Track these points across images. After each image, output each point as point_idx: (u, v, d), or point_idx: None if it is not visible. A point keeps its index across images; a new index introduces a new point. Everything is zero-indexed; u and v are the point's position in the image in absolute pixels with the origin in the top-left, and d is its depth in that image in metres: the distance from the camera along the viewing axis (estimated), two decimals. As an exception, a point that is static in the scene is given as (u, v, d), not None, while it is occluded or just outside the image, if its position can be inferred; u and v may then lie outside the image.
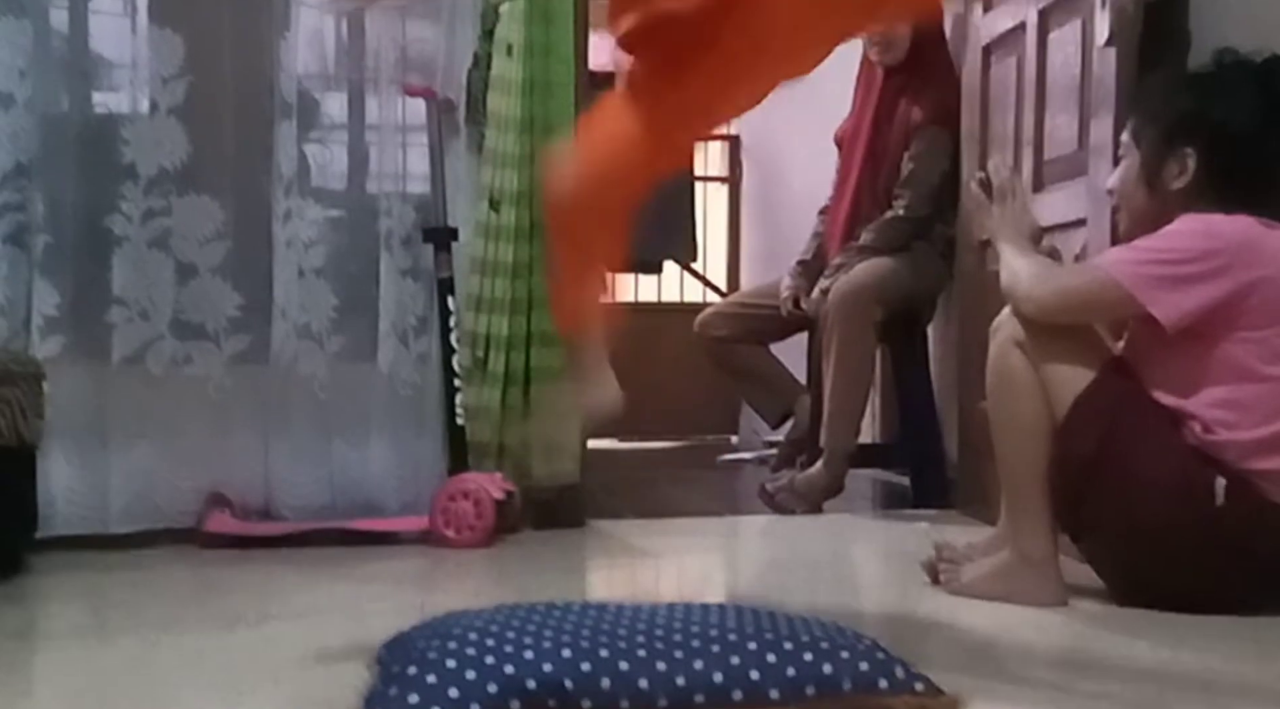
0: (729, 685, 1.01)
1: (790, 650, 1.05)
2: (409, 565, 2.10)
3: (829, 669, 1.03)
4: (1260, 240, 1.71)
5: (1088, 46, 2.27)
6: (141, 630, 1.61)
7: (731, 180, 5.28)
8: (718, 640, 1.06)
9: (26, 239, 2.18)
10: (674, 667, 1.03)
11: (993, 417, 1.78)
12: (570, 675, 1.02)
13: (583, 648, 1.05)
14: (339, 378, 2.35)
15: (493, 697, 1.01)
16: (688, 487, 3.29)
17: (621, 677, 1.02)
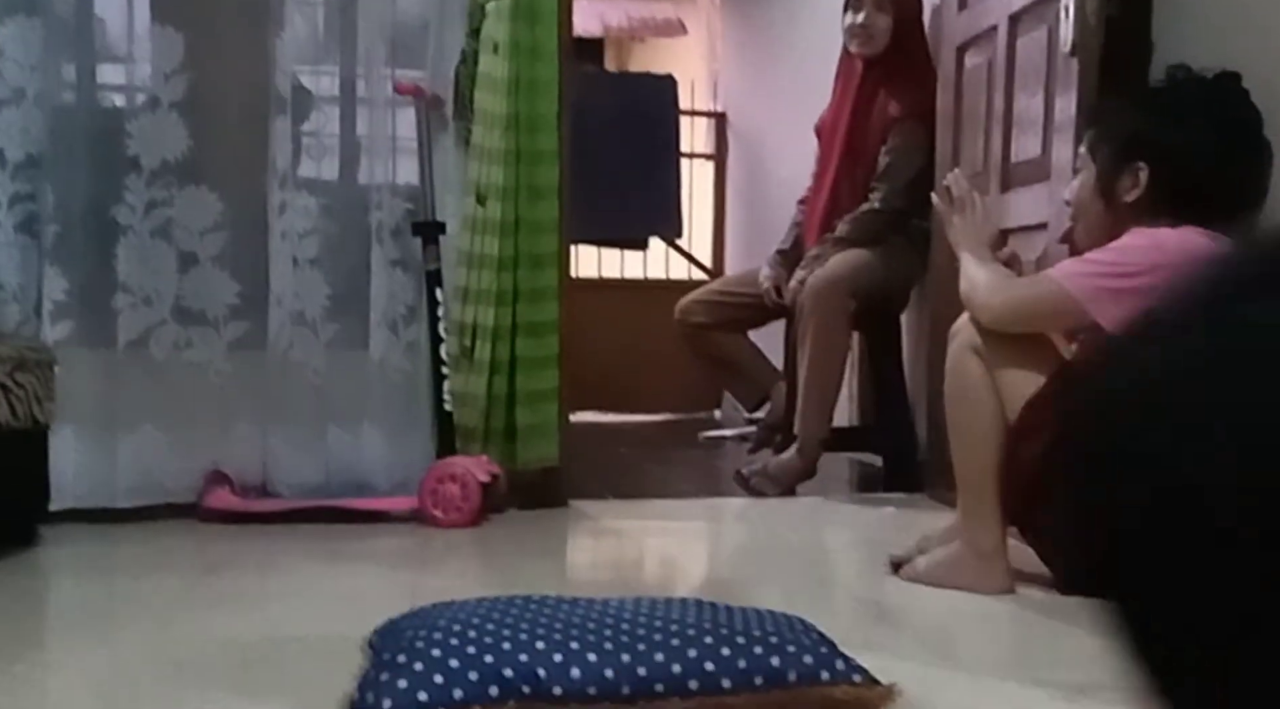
0: (686, 676, 1.11)
1: (742, 645, 1.14)
2: (399, 544, 2.19)
3: (777, 662, 1.12)
4: (1205, 253, 1.78)
5: (1053, 54, 2.35)
6: (151, 606, 1.70)
7: (717, 158, 5.32)
8: (677, 635, 1.16)
9: (37, 228, 2.27)
10: (637, 658, 1.13)
11: (949, 417, 1.88)
12: (544, 665, 1.12)
13: (555, 640, 1.15)
14: (332, 364, 2.44)
15: (474, 684, 1.11)
16: (668, 466, 3.39)
17: (590, 667, 1.12)
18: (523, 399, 2.50)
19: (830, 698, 1.11)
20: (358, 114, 2.50)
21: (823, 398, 2.84)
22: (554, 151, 2.53)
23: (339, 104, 2.52)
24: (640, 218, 4.90)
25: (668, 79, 5.07)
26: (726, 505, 2.75)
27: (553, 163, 2.53)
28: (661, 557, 2.33)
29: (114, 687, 1.33)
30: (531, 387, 2.51)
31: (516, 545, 2.22)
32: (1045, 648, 1.54)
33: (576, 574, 2.06)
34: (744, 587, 1.87)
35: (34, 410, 1.98)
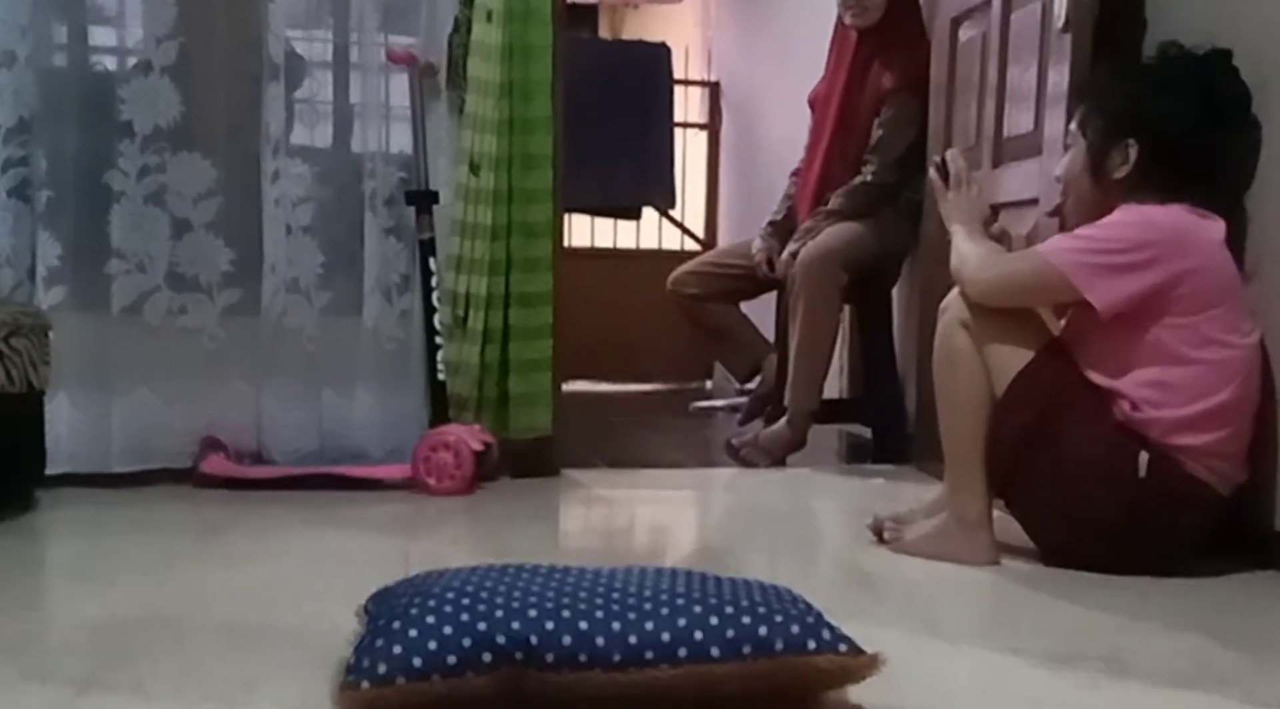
0: (675, 644, 1.13)
1: (731, 614, 1.16)
2: (393, 511, 2.21)
3: (764, 631, 1.14)
4: (1193, 231, 1.80)
5: (1047, 29, 2.34)
6: (146, 568, 1.71)
7: (711, 127, 5.29)
8: (667, 604, 1.17)
9: (30, 193, 2.26)
10: (627, 627, 1.14)
11: (937, 390, 1.89)
12: (536, 633, 1.13)
13: (547, 608, 1.16)
14: (326, 331, 2.44)
15: (467, 650, 1.12)
16: (660, 435, 3.40)
17: (581, 635, 1.13)
18: (515, 368, 2.51)
19: (816, 666, 1.13)
20: (351, 81, 2.48)
21: (813, 370, 2.86)
22: (547, 120, 2.52)
23: (332, 71, 2.50)
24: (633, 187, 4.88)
25: (662, 47, 5.03)
26: (716, 475, 2.77)
27: (546, 131, 2.52)
28: (651, 525, 2.36)
29: (110, 646, 1.34)
30: (524, 356, 2.52)
31: (509, 513, 2.24)
32: (1026, 618, 1.57)
33: (568, 542, 2.09)
34: (732, 555, 1.89)
35: (29, 375, 1.98)
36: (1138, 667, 1.34)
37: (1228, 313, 1.78)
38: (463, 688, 1.12)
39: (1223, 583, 1.74)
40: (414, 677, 1.10)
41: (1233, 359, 1.77)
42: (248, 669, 1.27)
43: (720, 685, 1.13)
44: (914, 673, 1.26)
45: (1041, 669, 1.31)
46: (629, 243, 5.21)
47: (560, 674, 1.12)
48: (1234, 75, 1.91)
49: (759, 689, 1.14)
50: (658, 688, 1.12)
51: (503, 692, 1.13)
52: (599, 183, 4.43)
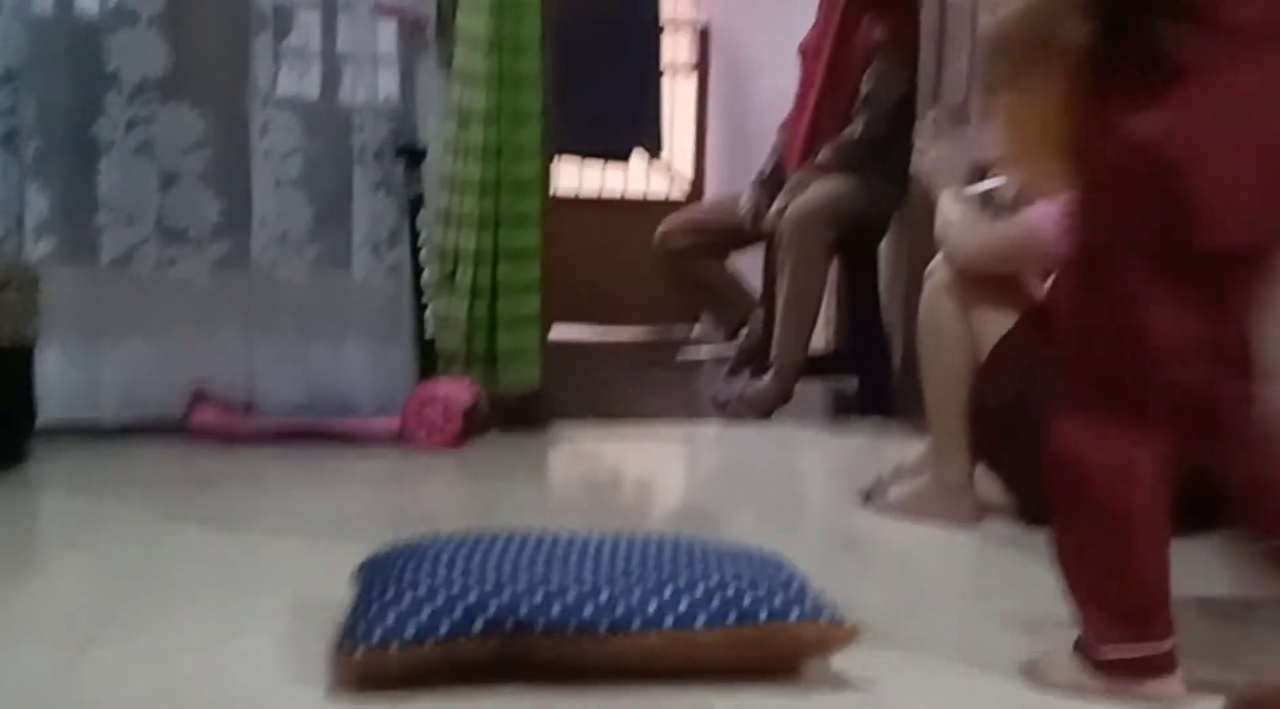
0: (662, 614, 1.14)
1: (716, 583, 1.18)
2: (383, 465, 2.21)
3: (748, 601, 1.16)
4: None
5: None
6: (140, 526, 1.71)
7: (700, 70, 5.22)
8: (654, 573, 1.19)
9: (18, 143, 2.22)
10: (615, 596, 1.16)
11: (922, 355, 1.90)
12: (526, 602, 1.15)
13: (537, 578, 1.18)
14: (316, 284, 2.42)
15: (458, 618, 1.14)
16: (646, 387, 3.41)
17: (569, 604, 1.15)
18: (504, 324, 2.50)
19: (798, 636, 1.15)
20: (339, 32, 2.42)
21: (800, 325, 2.86)
22: (537, 75, 2.48)
23: (320, 22, 2.44)
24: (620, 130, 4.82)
25: (649, -14, 4.92)
26: (703, 430, 2.79)
27: (536, 87, 2.48)
28: (638, 481, 2.37)
29: (108, 605, 1.35)
30: (513, 311, 2.51)
31: (497, 468, 2.25)
32: (1006, 580, 1.60)
33: (556, 497, 2.10)
34: (718, 514, 1.91)
35: (19, 328, 1.96)
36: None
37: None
38: (455, 655, 1.14)
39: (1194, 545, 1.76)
40: (407, 644, 1.12)
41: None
42: (245, 632, 1.28)
43: (705, 654, 1.15)
44: (897, 639, 1.29)
45: (1022, 633, 1.34)
46: (616, 189, 5.16)
47: (550, 642, 1.14)
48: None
49: (743, 657, 1.16)
50: (644, 656, 1.14)
51: (494, 659, 1.15)
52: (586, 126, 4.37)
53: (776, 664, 1.16)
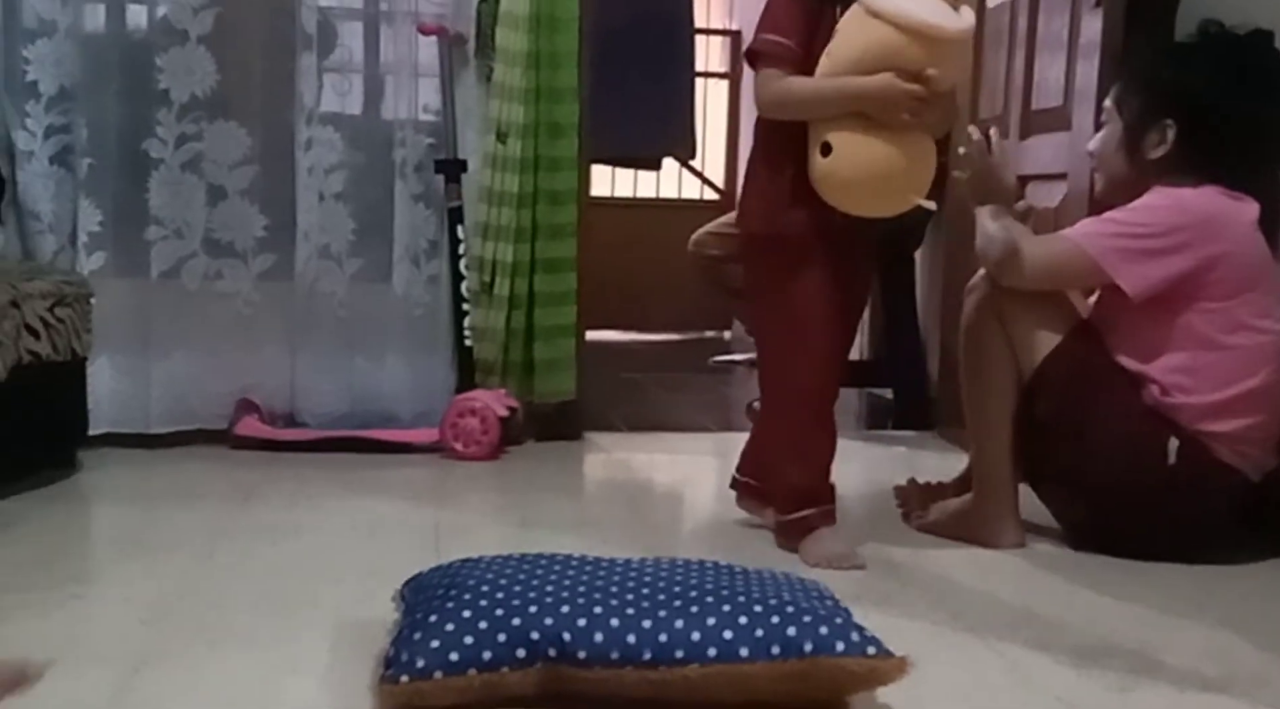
0: (705, 643, 1.12)
1: (760, 613, 1.15)
2: (421, 476, 2.20)
3: (793, 632, 1.13)
4: (1226, 215, 1.74)
5: (1077, 3, 2.25)
6: (189, 540, 1.71)
7: (732, 77, 5.18)
8: (697, 601, 1.16)
9: (72, 160, 2.25)
10: (658, 624, 1.13)
11: (964, 372, 1.85)
12: (569, 629, 1.13)
13: (579, 604, 1.15)
14: (357, 296, 2.42)
15: (501, 645, 1.12)
16: (679, 393, 3.38)
17: (613, 632, 1.12)
18: (540, 334, 2.49)
19: (845, 669, 1.12)
20: (381, 50, 2.42)
21: (834, 335, 2.81)
22: (574, 89, 2.46)
23: (363, 39, 2.44)
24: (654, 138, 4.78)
25: (684, -6, 4.89)
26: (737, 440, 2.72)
27: (573, 100, 2.46)
28: (672, 494, 2.34)
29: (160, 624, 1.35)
30: (549, 321, 2.49)
31: (533, 479, 2.24)
32: (1054, 608, 1.53)
33: (591, 511, 2.07)
34: (753, 532, 1.87)
35: (73, 343, 1.97)
36: (1167, 666, 1.31)
37: (1260, 298, 1.73)
38: (498, 683, 1.12)
39: (1251, 571, 1.71)
40: (451, 671, 1.10)
41: (1264, 344, 1.72)
42: (291, 652, 1.28)
43: (749, 685, 1.12)
44: (940, 670, 1.25)
45: (1070, 668, 1.29)
46: (649, 192, 5.15)
47: (592, 671, 1.12)
48: (1275, 56, 1.83)
49: (789, 690, 1.13)
50: (688, 687, 1.11)
51: (537, 687, 1.13)
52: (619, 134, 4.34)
53: (822, 697, 1.13)
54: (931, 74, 1.57)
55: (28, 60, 2.21)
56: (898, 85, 1.57)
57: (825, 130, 1.62)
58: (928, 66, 1.56)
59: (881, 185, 1.63)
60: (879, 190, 1.64)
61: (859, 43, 1.60)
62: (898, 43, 1.57)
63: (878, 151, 1.60)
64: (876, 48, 1.58)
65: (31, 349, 1.83)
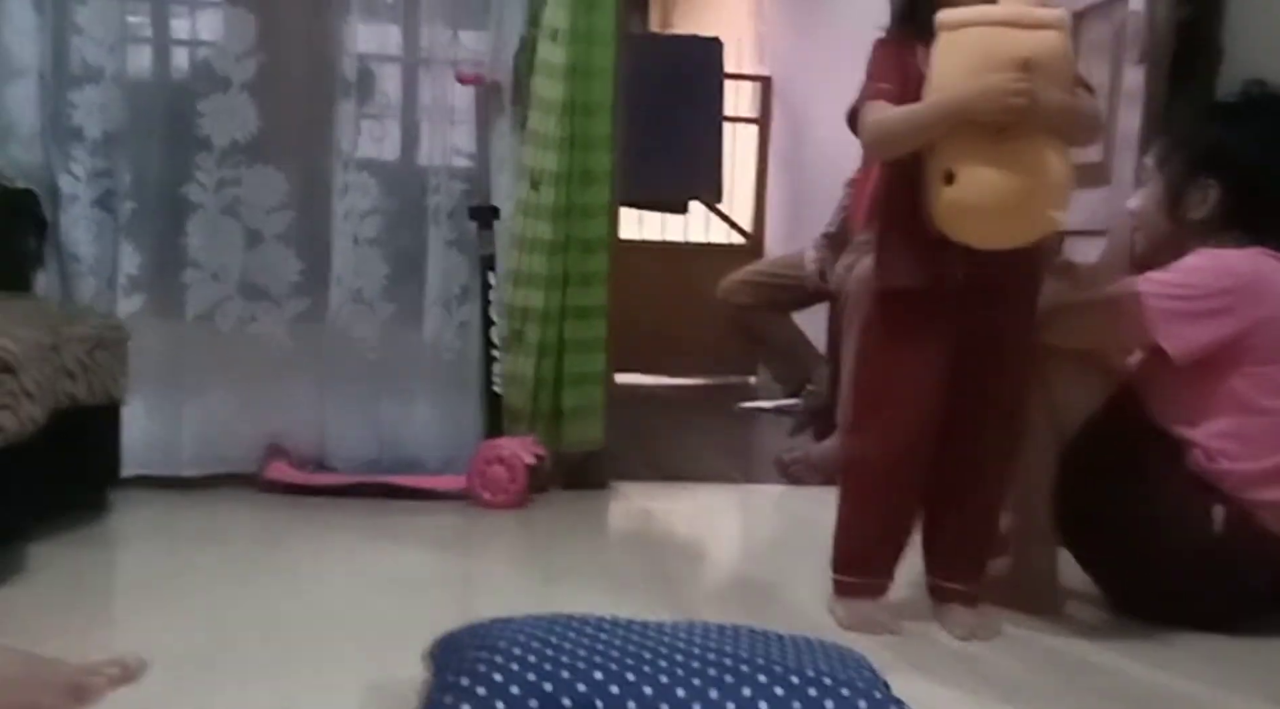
0: (740, 716, 1.09)
1: (796, 685, 1.12)
2: (448, 524, 2.19)
3: (831, 706, 1.10)
4: (1271, 277, 1.71)
5: (1120, 56, 2.24)
6: (216, 586, 1.71)
7: (761, 122, 5.20)
8: (732, 671, 1.13)
9: (114, 204, 2.28)
10: (692, 694, 1.11)
11: (1002, 432, 1.81)
12: (601, 696, 1.10)
13: (612, 670, 1.13)
14: (388, 341, 2.42)
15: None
16: (706, 438, 3.36)
17: (646, 700, 1.10)
18: (569, 381, 2.48)
19: (882, 745, 1.08)
20: (418, 97, 2.45)
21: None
22: (607, 137, 2.47)
23: (401, 87, 2.47)
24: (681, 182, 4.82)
25: (714, 43, 4.94)
26: (765, 493, 2.72)
27: (606, 149, 2.48)
28: (699, 549, 2.29)
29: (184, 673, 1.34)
30: (578, 369, 2.49)
31: (559, 530, 2.22)
32: (1094, 681, 1.49)
33: (616, 564, 2.03)
34: (781, 590, 1.84)
35: (109, 387, 1.98)
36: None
37: (1309, 362, 1.69)
38: (528, 753, 1.09)
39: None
40: (481, 739, 1.08)
41: (1313, 411, 1.68)
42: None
43: (785, 761, 1.09)
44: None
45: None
46: (677, 235, 5.16)
47: (624, 741, 1.09)
48: (1319, 116, 1.81)
49: (825, 767, 1.09)
50: (723, 761, 1.08)
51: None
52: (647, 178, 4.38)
53: (859, 774, 1.09)
54: (1029, 57, 1.46)
55: (74, 105, 2.25)
56: (994, 74, 1.46)
57: (945, 158, 1.51)
58: (1025, 55, 1.46)
59: (1016, 203, 1.49)
60: (1015, 210, 1.50)
61: (955, 60, 1.51)
62: (988, 39, 1.49)
63: (1006, 166, 1.48)
64: (971, 55, 1.49)
65: (69, 392, 1.83)
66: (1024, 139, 1.49)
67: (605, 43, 2.42)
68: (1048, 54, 1.49)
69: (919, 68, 1.57)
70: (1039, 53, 1.48)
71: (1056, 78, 1.51)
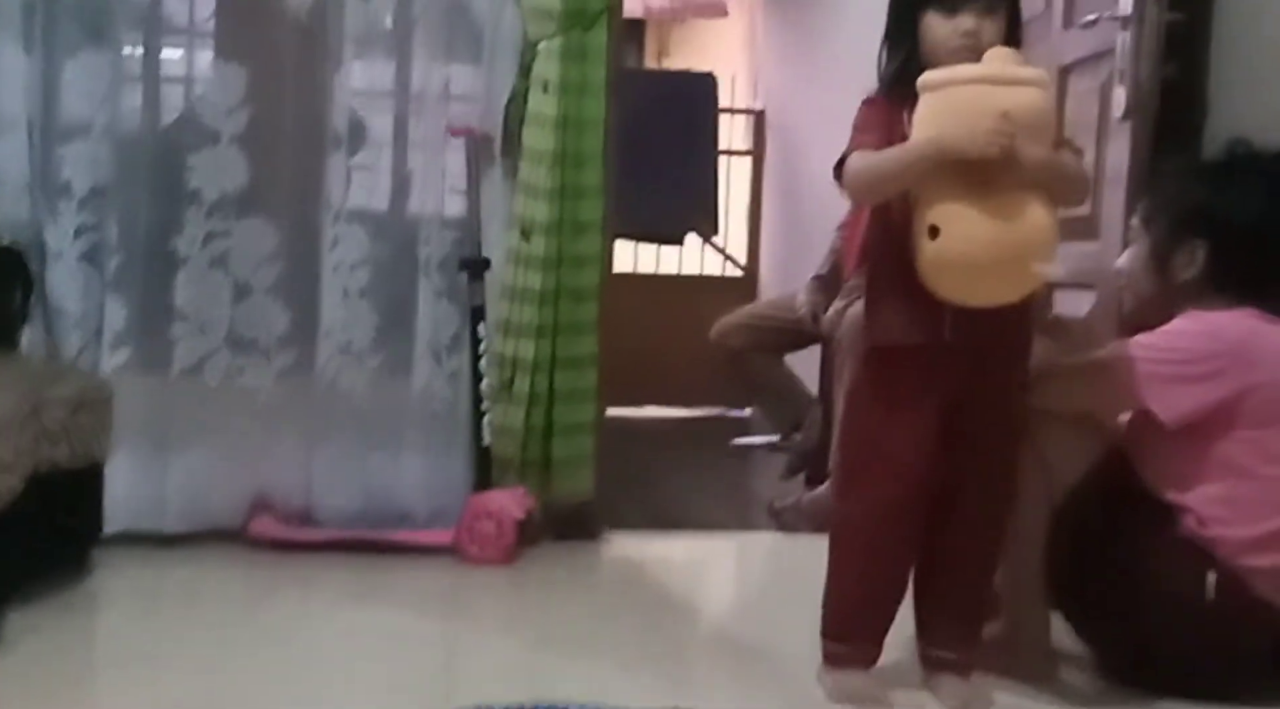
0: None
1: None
2: (435, 581, 2.16)
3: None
4: (1262, 340, 1.70)
5: (1105, 112, 2.24)
6: (197, 650, 1.68)
7: (755, 154, 5.22)
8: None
9: (100, 258, 2.27)
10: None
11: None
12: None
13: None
14: (377, 393, 2.40)
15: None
16: (699, 478, 3.33)
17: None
18: (559, 431, 2.46)
19: None
20: (410, 150, 2.44)
21: (857, 434, 2.76)
22: (599, 187, 2.47)
23: (392, 139, 2.46)
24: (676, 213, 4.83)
25: (708, 77, 4.98)
26: (757, 542, 2.70)
27: (597, 198, 2.47)
28: (689, 606, 2.23)
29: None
30: (568, 419, 2.47)
31: (548, 589, 2.20)
32: None
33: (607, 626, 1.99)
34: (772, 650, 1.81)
35: (92, 449, 1.96)
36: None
37: (1300, 426, 1.67)
38: None
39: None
40: None
41: (1306, 476, 1.66)
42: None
43: None
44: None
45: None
46: (671, 267, 5.16)
47: None
48: (1306, 175, 1.80)
49: None
50: None
51: None
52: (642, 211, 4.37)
53: None
54: (1009, 109, 1.46)
55: (62, 159, 2.24)
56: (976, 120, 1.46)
57: (929, 214, 1.50)
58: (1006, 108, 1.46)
59: (999, 258, 1.48)
60: (998, 264, 1.48)
61: (937, 118, 1.51)
62: (969, 95, 1.49)
63: (989, 221, 1.47)
64: (953, 111, 1.49)
65: (49, 457, 1.81)
66: (1007, 194, 1.48)
67: (597, 94, 2.42)
68: (1028, 109, 1.49)
69: (905, 129, 1.56)
70: (1019, 108, 1.48)
71: (1037, 134, 1.51)
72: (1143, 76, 2.09)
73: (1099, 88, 2.26)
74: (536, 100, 2.38)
